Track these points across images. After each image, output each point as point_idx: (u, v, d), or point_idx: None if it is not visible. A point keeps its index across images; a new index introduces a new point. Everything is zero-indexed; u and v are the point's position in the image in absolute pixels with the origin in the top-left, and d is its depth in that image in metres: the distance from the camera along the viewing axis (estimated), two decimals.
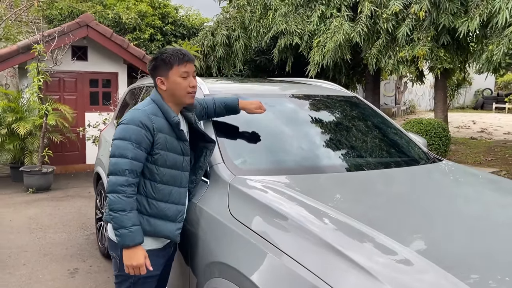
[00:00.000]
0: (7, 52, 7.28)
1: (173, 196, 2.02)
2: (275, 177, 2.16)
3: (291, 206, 1.84)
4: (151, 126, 1.94)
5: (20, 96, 7.52)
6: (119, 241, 1.89)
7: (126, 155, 1.88)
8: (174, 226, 2.02)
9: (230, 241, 1.83)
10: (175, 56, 1.99)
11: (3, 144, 6.94)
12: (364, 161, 2.59)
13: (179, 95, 2.03)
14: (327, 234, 1.61)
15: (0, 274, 3.73)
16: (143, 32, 10.51)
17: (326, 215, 1.75)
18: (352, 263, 1.43)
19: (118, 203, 1.86)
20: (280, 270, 1.57)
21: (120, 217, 1.86)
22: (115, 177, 1.88)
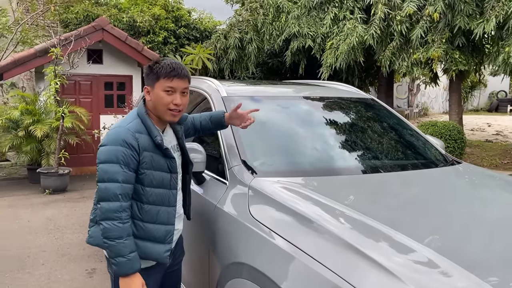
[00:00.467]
0: (25, 56, 7.42)
1: (161, 216, 1.91)
2: (294, 179, 2.17)
3: (311, 207, 1.85)
4: (136, 145, 1.83)
5: (37, 99, 7.65)
6: (116, 270, 1.79)
7: (117, 179, 1.77)
8: (163, 248, 1.91)
9: (251, 242, 1.84)
10: (164, 68, 1.88)
11: (20, 146, 7.06)
12: (383, 163, 2.59)
13: (159, 109, 1.91)
14: (348, 234, 1.61)
15: (20, 274, 3.80)
16: (157, 35, 10.61)
17: (347, 216, 1.75)
18: (375, 264, 1.43)
19: (114, 231, 1.75)
20: (301, 270, 1.58)
21: (117, 245, 1.75)
22: (107, 203, 1.77)
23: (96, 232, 1.90)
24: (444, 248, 1.53)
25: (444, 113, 23.85)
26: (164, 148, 1.90)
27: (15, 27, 9.64)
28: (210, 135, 2.75)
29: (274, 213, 1.89)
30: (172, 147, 2.01)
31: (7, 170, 8.76)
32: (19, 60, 7.31)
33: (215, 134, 2.52)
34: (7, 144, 7.01)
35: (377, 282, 1.38)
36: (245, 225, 1.91)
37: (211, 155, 2.50)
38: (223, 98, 2.69)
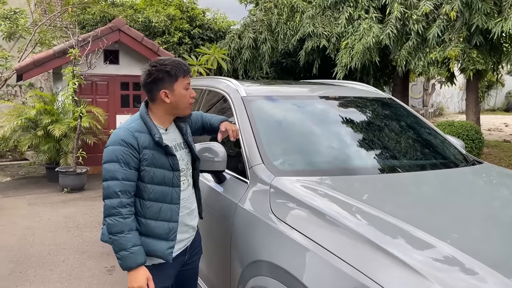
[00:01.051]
0: (44, 57, 7.55)
1: (163, 213, 1.94)
2: (314, 178, 2.18)
3: (331, 205, 1.87)
4: (135, 144, 1.88)
5: (55, 99, 7.77)
6: (121, 264, 1.86)
7: (116, 177, 1.85)
8: (166, 245, 1.93)
9: (273, 240, 1.86)
10: (180, 68, 1.95)
11: (39, 145, 7.19)
12: (403, 163, 2.58)
13: (182, 107, 2.00)
14: (369, 231, 1.63)
15: (41, 270, 3.88)
16: (172, 36, 10.70)
17: (367, 214, 1.76)
18: (397, 261, 1.44)
19: (116, 226, 1.82)
20: (323, 266, 1.60)
21: (119, 239, 1.82)
22: (109, 200, 1.86)
23: (105, 230, 1.96)
24: (466, 247, 1.52)
25: (460, 113, 23.55)
26: (164, 145, 1.93)
27: (33, 28, 9.82)
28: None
29: (296, 211, 1.91)
30: (176, 145, 2.05)
31: (26, 169, 8.93)
32: (38, 61, 7.44)
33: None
34: (26, 143, 7.14)
35: (400, 279, 1.39)
36: (267, 224, 1.93)
37: (231, 154, 2.53)
38: (242, 98, 2.71)
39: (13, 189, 7.03)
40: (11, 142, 7.34)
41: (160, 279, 1.95)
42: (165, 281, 2.01)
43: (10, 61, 9.41)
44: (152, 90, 1.95)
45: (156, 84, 1.93)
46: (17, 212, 5.73)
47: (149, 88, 1.96)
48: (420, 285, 1.35)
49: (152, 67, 1.95)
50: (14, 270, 3.90)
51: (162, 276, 1.98)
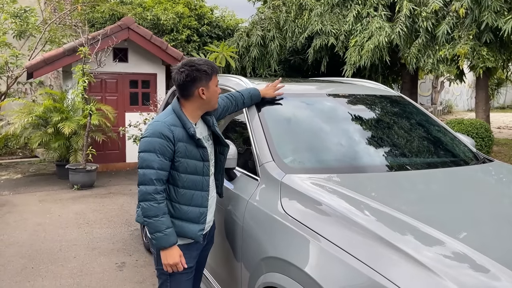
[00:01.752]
0: (54, 55, 7.62)
1: (195, 199, 2.14)
2: (324, 176, 2.19)
3: (342, 202, 1.88)
4: (171, 136, 2.05)
5: (65, 97, 7.84)
6: (156, 244, 2.08)
7: (152, 166, 2.02)
8: (197, 227, 2.14)
9: (284, 237, 1.88)
10: (213, 68, 2.16)
11: (49, 142, 7.26)
12: (413, 161, 2.58)
13: (213, 102, 2.22)
14: (380, 228, 1.64)
15: (53, 266, 3.93)
16: (180, 33, 10.73)
17: (378, 211, 1.78)
18: (408, 257, 1.45)
19: (151, 210, 2.02)
20: (334, 263, 1.61)
21: (154, 222, 2.03)
22: (144, 187, 2.03)
23: (140, 212, 2.12)
24: (477, 245, 1.53)
25: (469, 110, 23.36)
26: (197, 138, 2.12)
27: (43, 26, 9.91)
28: (240, 133, 2.79)
29: (306, 208, 1.92)
30: (204, 138, 2.21)
31: (36, 166, 9.03)
32: (49, 59, 7.51)
33: (246, 131, 2.56)
34: (37, 140, 7.21)
35: (411, 275, 1.40)
36: (277, 220, 1.95)
37: (240, 152, 2.55)
38: None
39: (24, 186, 7.12)
40: (22, 139, 7.41)
41: (188, 259, 2.15)
42: (192, 261, 2.20)
43: (20, 59, 9.51)
44: (190, 88, 2.12)
45: (194, 82, 2.11)
46: (28, 209, 5.81)
47: (187, 86, 2.12)
48: (432, 282, 1.36)
49: (189, 67, 2.11)
50: (26, 266, 3.96)
51: (190, 256, 2.17)
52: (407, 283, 1.38)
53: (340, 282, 1.56)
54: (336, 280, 1.58)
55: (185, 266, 2.10)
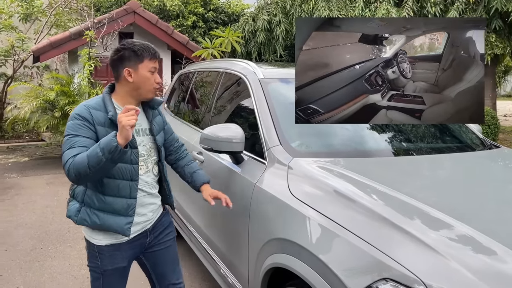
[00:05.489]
0: (60, 39, 7.64)
1: (122, 190, 1.98)
2: (331, 159, 2.21)
3: (348, 185, 1.91)
4: (90, 118, 1.91)
5: (71, 81, 7.87)
6: (112, 151, 1.76)
7: (72, 146, 1.87)
8: (124, 220, 1.99)
9: (292, 218, 1.90)
10: (147, 50, 1.99)
11: (57, 126, 7.31)
12: (420, 146, 2.59)
13: (145, 89, 2.01)
14: (387, 211, 1.66)
15: (62, 247, 4.00)
16: (186, 19, 10.68)
17: (383, 193, 1.80)
18: (414, 238, 1.47)
19: (83, 164, 1.78)
20: (340, 243, 1.64)
21: (93, 160, 1.77)
22: (69, 165, 1.82)
23: (70, 205, 2.04)
24: (483, 228, 1.54)
25: None
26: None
27: (49, 10, 9.89)
28: (247, 117, 2.81)
29: (314, 191, 1.94)
30: (140, 130, 2.07)
31: (43, 150, 9.11)
32: (55, 43, 7.52)
33: (253, 115, 2.58)
34: (44, 124, 7.26)
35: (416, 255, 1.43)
36: (285, 203, 1.97)
37: (247, 136, 2.56)
38: (260, 80, 2.73)
39: (31, 169, 7.20)
40: (31, 123, 7.46)
41: (115, 259, 2.04)
42: (120, 261, 2.07)
43: (26, 42, 9.54)
44: (118, 68, 1.99)
45: (122, 61, 1.98)
46: (36, 191, 5.88)
47: (115, 65, 2.00)
48: (437, 262, 1.38)
49: (121, 45, 2.00)
50: (35, 246, 4.03)
51: (122, 256, 2.06)
52: (413, 264, 1.40)
53: (346, 262, 1.59)
54: (343, 260, 1.61)
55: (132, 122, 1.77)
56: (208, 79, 3.81)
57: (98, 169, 1.79)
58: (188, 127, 3.71)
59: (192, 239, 3.33)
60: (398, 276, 1.39)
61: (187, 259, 3.82)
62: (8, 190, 5.95)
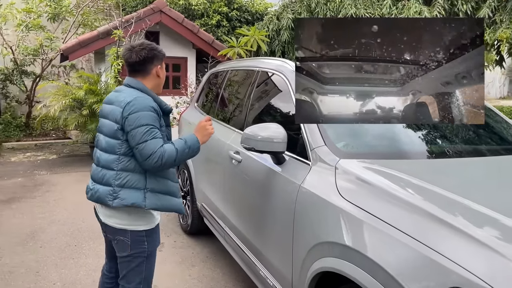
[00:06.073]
0: (88, 38, 7.71)
1: (174, 175, 2.26)
2: (379, 161, 2.15)
3: (400, 186, 1.85)
4: (159, 111, 2.12)
5: (99, 79, 7.95)
6: (196, 146, 2.20)
7: (155, 136, 2.07)
8: (180, 201, 2.26)
9: (342, 221, 1.85)
10: (162, 50, 2.26)
11: (85, 124, 7.40)
12: (468, 148, 2.51)
13: (162, 85, 2.31)
14: (442, 212, 1.60)
15: (95, 245, 4.03)
16: (211, 18, 10.68)
17: (438, 195, 1.74)
18: (476, 241, 1.41)
19: (176, 154, 2.09)
20: (394, 245, 1.59)
21: (186, 151, 2.14)
22: (156, 157, 2.04)
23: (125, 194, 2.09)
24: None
25: (501, 98, 22.61)
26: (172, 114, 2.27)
27: (76, 10, 10.03)
28: (286, 116, 2.76)
29: (365, 193, 1.88)
30: None
31: (70, 147, 9.25)
32: (83, 42, 7.61)
33: (293, 114, 2.53)
34: (73, 122, 7.36)
35: (479, 259, 1.36)
36: (334, 205, 1.92)
37: (288, 136, 2.51)
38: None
39: (60, 166, 7.31)
40: (60, 121, 7.57)
41: (156, 239, 2.28)
42: (158, 240, 2.32)
43: (54, 42, 9.69)
44: (148, 66, 2.18)
45: (153, 60, 2.19)
46: (66, 188, 5.96)
47: (146, 64, 2.18)
48: (506, 268, 1.32)
49: (148, 45, 2.19)
50: (69, 243, 4.07)
51: (157, 236, 2.30)
52: (481, 271, 1.34)
53: (406, 267, 1.53)
54: (398, 262, 1.55)
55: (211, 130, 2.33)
56: (242, 77, 3.78)
57: (179, 162, 2.12)
58: (222, 126, 3.68)
59: (226, 239, 3.31)
60: (466, 284, 1.33)
61: (220, 258, 3.80)
62: (39, 187, 6.05)
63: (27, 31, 9.66)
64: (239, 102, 3.59)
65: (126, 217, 2.13)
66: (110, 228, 2.19)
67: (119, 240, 2.17)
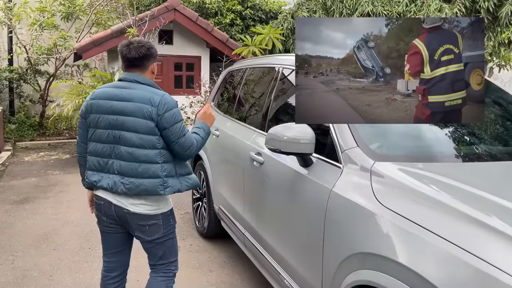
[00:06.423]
0: (102, 36, 7.64)
1: None
2: (418, 164, 1.99)
3: (445, 192, 1.69)
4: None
5: (112, 78, 7.87)
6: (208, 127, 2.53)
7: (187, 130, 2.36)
8: (195, 177, 2.45)
9: (381, 230, 1.70)
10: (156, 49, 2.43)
11: None
12: (509, 150, 2.33)
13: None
14: (493, 220, 1.46)
15: None
16: (224, 17, 10.56)
17: (488, 201, 1.59)
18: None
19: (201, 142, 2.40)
20: (442, 257, 1.44)
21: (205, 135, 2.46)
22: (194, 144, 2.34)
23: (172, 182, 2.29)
24: None
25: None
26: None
27: (89, 9, 9.98)
28: None
29: (406, 200, 1.72)
30: None
31: None
32: (97, 41, 7.54)
33: None
34: None
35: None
36: (372, 212, 1.76)
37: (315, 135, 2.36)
38: None
39: (73, 166, 7.23)
40: (74, 120, 7.51)
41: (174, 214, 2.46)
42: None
43: (68, 41, 9.64)
44: (147, 62, 2.32)
45: (151, 57, 2.34)
46: (80, 189, 5.83)
47: (145, 60, 2.31)
48: None
49: (145, 43, 2.33)
50: (83, 246, 3.97)
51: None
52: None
53: (452, 278, 1.38)
54: (447, 275, 1.40)
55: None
56: (262, 75, 3.64)
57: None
58: (241, 126, 3.54)
59: (246, 244, 3.16)
60: None
61: (239, 264, 3.66)
62: (52, 187, 5.98)
63: (41, 30, 9.63)
64: (259, 101, 3.45)
65: (156, 202, 2.29)
66: (138, 216, 2.27)
67: (152, 225, 2.30)
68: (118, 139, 2.23)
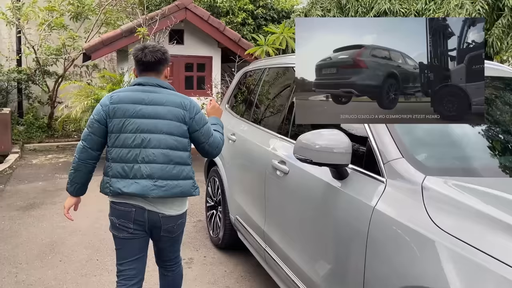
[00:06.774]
0: (111, 36, 7.44)
1: None
2: (475, 179, 1.72)
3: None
4: None
5: (122, 79, 7.66)
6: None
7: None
8: None
9: (438, 258, 1.42)
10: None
11: None
12: None
13: None
14: None
15: (114, 258, 3.67)
16: (236, 16, 10.32)
17: None
18: None
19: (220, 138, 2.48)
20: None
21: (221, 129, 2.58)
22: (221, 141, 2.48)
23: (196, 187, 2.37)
24: None
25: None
26: None
27: (99, 8, 9.79)
28: None
29: (468, 221, 1.46)
30: None
31: None
32: (106, 41, 7.33)
33: None
34: None
35: None
36: (427, 237, 1.50)
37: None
38: None
39: None
40: (82, 122, 7.31)
41: None
42: None
43: (77, 41, 9.46)
44: (162, 66, 2.34)
45: (166, 61, 2.35)
46: (87, 194, 5.58)
47: (161, 64, 2.32)
48: None
49: (160, 47, 2.32)
50: (91, 257, 3.74)
51: None
52: None
53: None
54: None
55: None
56: (283, 76, 3.38)
57: None
58: (260, 130, 3.28)
59: (266, 259, 2.90)
60: None
61: (256, 279, 3.41)
62: (60, 191, 5.76)
63: (49, 30, 9.45)
64: (280, 103, 3.18)
65: (183, 202, 2.37)
66: (172, 218, 2.32)
67: (180, 223, 2.39)
68: (148, 142, 2.21)
